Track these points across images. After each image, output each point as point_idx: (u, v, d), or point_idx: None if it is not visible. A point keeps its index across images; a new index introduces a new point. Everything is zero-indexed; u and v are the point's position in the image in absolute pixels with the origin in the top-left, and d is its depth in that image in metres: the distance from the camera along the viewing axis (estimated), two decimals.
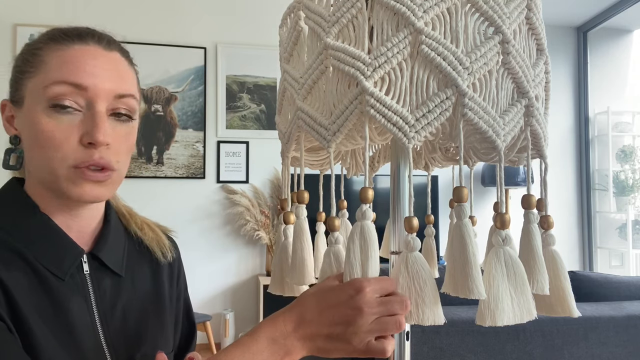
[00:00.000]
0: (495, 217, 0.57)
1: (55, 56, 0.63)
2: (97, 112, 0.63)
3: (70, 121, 0.62)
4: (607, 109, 4.37)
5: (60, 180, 0.63)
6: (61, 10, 3.57)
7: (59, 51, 0.64)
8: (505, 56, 0.58)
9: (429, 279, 0.55)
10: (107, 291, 0.69)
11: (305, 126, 0.62)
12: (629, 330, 1.53)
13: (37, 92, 0.63)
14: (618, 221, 4.41)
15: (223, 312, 3.59)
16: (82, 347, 0.64)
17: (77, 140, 0.62)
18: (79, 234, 0.69)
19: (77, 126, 0.62)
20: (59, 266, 0.64)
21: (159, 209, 3.61)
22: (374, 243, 0.56)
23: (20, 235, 0.64)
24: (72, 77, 0.62)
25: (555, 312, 0.61)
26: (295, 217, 0.69)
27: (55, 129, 0.61)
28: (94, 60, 0.64)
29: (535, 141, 0.62)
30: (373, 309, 0.54)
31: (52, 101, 0.62)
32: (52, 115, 0.62)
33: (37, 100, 0.62)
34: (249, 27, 3.88)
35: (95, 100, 0.63)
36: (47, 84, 0.62)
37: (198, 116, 3.73)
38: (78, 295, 0.66)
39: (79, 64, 0.63)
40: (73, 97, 0.62)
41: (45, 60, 0.63)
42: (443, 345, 1.40)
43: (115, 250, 0.73)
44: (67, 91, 0.62)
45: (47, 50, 0.64)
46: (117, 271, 0.71)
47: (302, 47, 0.66)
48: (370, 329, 0.54)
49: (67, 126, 0.62)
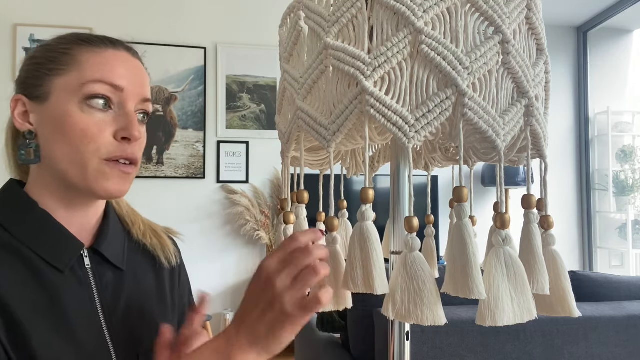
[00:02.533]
0: (495, 217, 0.57)
1: (91, 57, 0.67)
2: (130, 111, 0.68)
3: (103, 117, 0.67)
4: (607, 109, 4.37)
5: (88, 173, 0.66)
6: (61, 11, 3.57)
7: (94, 53, 0.68)
8: (505, 56, 0.58)
9: (428, 279, 0.55)
10: (109, 285, 0.71)
11: (305, 126, 0.62)
12: (629, 330, 1.53)
13: (70, 88, 0.66)
14: (618, 221, 4.41)
15: (223, 312, 3.59)
16: (84, 340, 0.64)
17: (111, 135, 0.67)
18: (79, 230, 0.71)
19: (110, 123, 0.67)
20: (59, 258, 0.66)
21: (159, 209, 3.61)
22: (374, 243, 0.56)
23: (18, 230, 0.65)
24: (110, 77, 0.67)
25: (555, 312, 0.61)
26: (295, 217, 0.69)
27: (90, 122, 0.65)
28: (127, 64, 0.70)
29: (535, 141, 0.62)
30: (281, 273, 0.54)
31: (89, 98, 0.66)
32: (87, 111, 0.66)
33: (69, 96, 0.66)
34: (249, 27, 3.88)
35: (127, 101, 0.69)
36: (85, 82, 0.66)
37: (198, 116, 3.73)
38: (80, 288, 0.67)
39: (115, 67, 0.68)
40: (109, 96, 0.67)
41: (79, 60, 0.67)
42: (443, 345, 1.40)
43: (115, 245, 0.74)
44: (104, 90, 0.66)
45: (80, 51, 0.68)
46: (119, 265, 0.73)
47: (302, 47, 0.66)
48: (291, 289, 0.53)
49: (101, 122, 0.66)
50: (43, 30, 3.49)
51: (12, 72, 3.49)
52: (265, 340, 0.55)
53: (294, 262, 0.54)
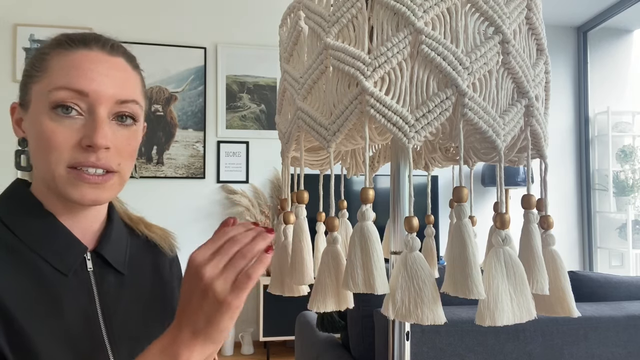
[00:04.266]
0: (495, 217, 0.57)
1: (59, 61, 0.65)
2: (98, 117, 0.64)
3: (71, 125, 0.64)
4: (607, 109, 4.37)
5: (58, 181, 0.64)
6: (61, 11, 3.57)
7: (63, 56, 0.65)
8: (505, 56, 0.58)
9: (428, 279, 0.55)
10: (110, 289, 0.71)
11: (305, 126, 0.62)
12: (629, 330, 1.53)
13: (41, 96, 0.64)
14: (618, 221, 4.41)
15: None
16: (83, 344, 0.64)
17: (76, 142, 0.64)
18: (82, 233, 0.71)
19: (78, 130, 0.64)
20: (62, 262, 0.65)
21: (159, 209, 3.61)
22: (374, 243, 0.56)
23: (23, 232, 0.65)
24: (74, 83, 0.63)
25: (555, 312, 0.61)
26: (295, 217, 0.69)
27: (56, 131, 0.63)
28: (96, 65, 0.65)
29: (535, 141, 0.62)
30: (210, 261, 0.54)
31: (55, 106, 0.63)
32: (54, 119, 0.63)
33: (41, 104, 0.64)
34: (249, 27, 3.88)
35: (96, 106, 0.64)
36: (51, 89, 0.64)
37: (198, 116, 3.73)
38: (81, 292, 0.67)
39: (81, 70, 0.64)
40: (75, 102, 0.64)
41: (50, 66, 0.65)
42: (443, 345, 1.40)
43: (118, 249, 0.74)
44: (69, 97, 0.63)
45: (52, 55, 0.66)
46: (120, 269, 0.73)
47: (302, 47, 0.66)
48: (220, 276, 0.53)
49: (68, 129, 0.63)
50: (43, 30, 3.49)
51: (12, 72, 3.49)
52: (205, 329, 0.55)
53: (221, 251, 0.54)
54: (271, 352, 3.59)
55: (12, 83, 3.48)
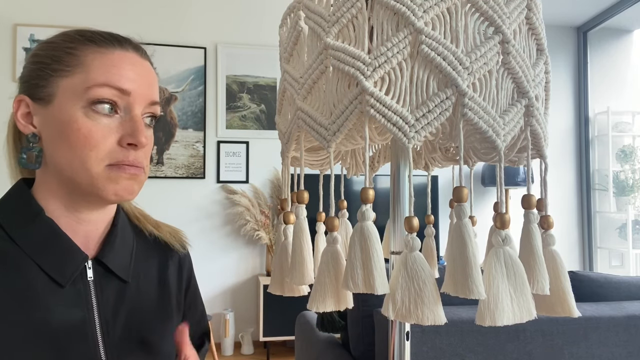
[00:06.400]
0: (495, 217, 0.57)
1: (97, 58, 0.64)
2: (137, 116, 0.65)
3: (109, 122, 0.64)
4: (607, 109, 4.37)
5: (94, 178, 0.63)
6: (61, 11, 3.57)
7: (101, 54, 0.65)
8: (505, 56, 0.58)
9: (428, 279, 0.55)
10: (110, 298, 0.68)
11: (305, 126, 0.62)
12: (629, 330, 1.53)
13: (75, 91, 0.63)
14: (618, 221, 4.42)
15: (223, 312, 3.59)
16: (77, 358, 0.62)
17: (115, 141, 0.64)
18: (85, 238, 0.68)
19: (116, 128, 0.64)
20: (61, 272, 0.63)
21: (159, 209, 3.61)
22: (374, 243, 0.56)
23: (22, 240, 0.63)
24: (116, 81, 0.64)
25: (555, 312, 0.61)
26: (295, 217, 0.69)
27: (93, 128, 0.63)
28: (134, 66, 0.66)
29: (535, 141, 0.62)
30: None
31: (95, 102, 0.63)
32: (91, 116, 0.63)
33: (74, 100, 0.63)
34: (249, 27, 3.88)
35: (134, 105, 0.66)
36: (90, 85, 0.63)
37: (198, 116, 3.73)
38: (78, 303, 0.64)
39: (122, 69, 0.65)
40: (115, 100, 0.64)
41: (85, 62, 0.64)
42: (443, 345, 1.40)
43: (122, 255, 0.71)
44: (110, 94, 0.63)
45: (85, 52, 0.65)
46: (123, 277, 0.70)
47: (302, 47, 0.66)
48: None
49: (105, 127, 0.63)
50: (43, 30, 3.49)
51: (12, 72, 3.49)
52: None
53: None
54: (271, 352, 3.59)
55: (12, 83, 3.48)
